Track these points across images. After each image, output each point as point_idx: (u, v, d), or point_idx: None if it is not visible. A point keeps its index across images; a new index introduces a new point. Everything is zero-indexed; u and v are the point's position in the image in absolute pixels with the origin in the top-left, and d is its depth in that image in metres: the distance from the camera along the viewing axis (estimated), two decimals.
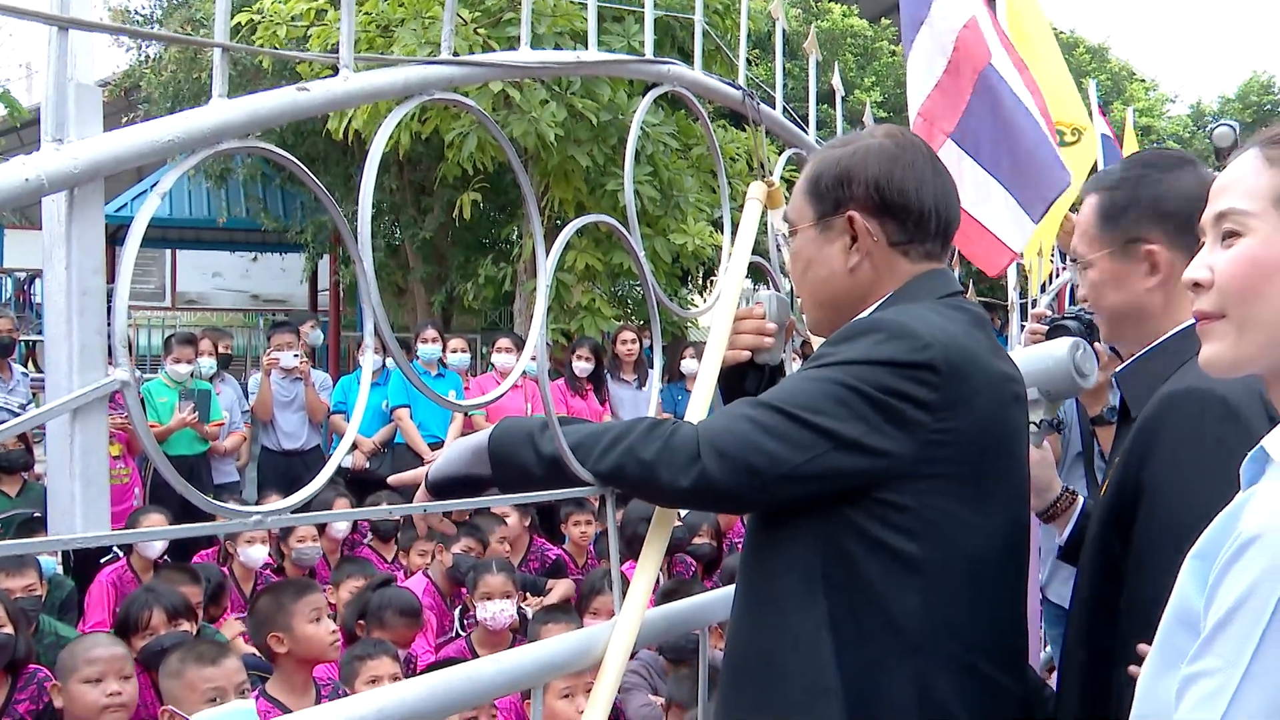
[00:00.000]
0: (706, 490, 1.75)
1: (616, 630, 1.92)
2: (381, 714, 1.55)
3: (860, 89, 15.89)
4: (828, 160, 1.98)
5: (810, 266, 1.99)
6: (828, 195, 1.95)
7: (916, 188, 1.91)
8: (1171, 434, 1.73)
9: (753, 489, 1.75)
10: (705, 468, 1.72)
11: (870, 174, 1.91)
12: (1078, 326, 3.42)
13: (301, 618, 4.00)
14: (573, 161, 9.38)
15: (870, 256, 1.92)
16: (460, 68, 1.80)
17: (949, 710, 1.75)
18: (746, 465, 1.72)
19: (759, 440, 1.72)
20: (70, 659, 3.58)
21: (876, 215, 1.91)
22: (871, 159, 1.92)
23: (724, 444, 1.74)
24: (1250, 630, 1.14)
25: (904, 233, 1.91)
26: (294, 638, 3.98)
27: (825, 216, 1.95)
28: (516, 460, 1.89)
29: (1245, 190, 1.34)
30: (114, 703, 3.47)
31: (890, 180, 1.90)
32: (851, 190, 1.92)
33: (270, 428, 8.21)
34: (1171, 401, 1.74)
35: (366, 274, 1.51)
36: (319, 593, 4.29)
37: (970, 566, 1.77)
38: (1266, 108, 24.31)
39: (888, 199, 1.90)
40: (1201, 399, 1.70)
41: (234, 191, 14.97)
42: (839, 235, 1.93)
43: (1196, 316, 1.38)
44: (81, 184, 1.23)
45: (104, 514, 1.25)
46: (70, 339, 1.23)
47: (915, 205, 1.90)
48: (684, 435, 1.76)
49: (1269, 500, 1.18)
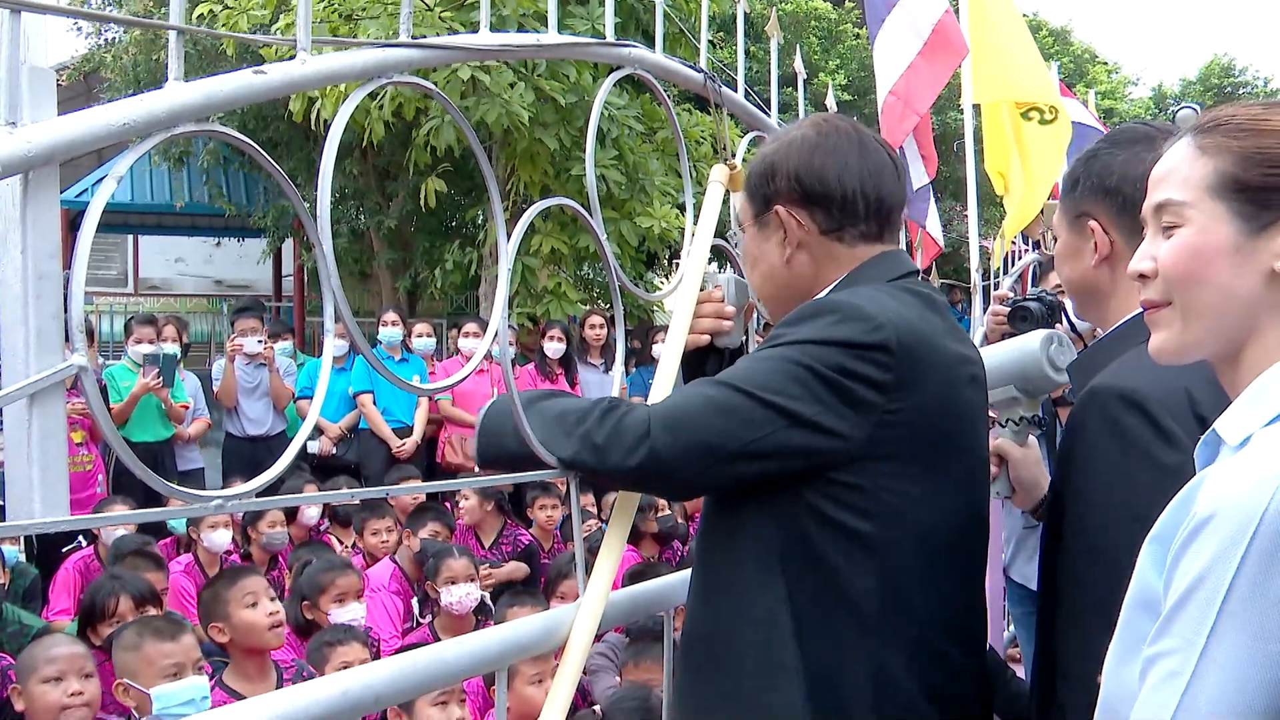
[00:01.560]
0: (657, 468, 1.74)
1: (581, 612, 1.92)
2: (346, 697, 1.55)
3: (825, 72, 15.93)
4: (757, 158, 2.01)
5: (756, 263, 2.02)
6: (757, 193, 1.98)
7: (838, 174, 1.91)
8: (1088, 434, 1.73)
9: (705, 467, 1.75)
10: (655, 446, 1.73)
11: (790, 166, 1.93)
12: (1039, 308, 3.43)
13: (237, 604, 3.94)
14: (539, 144, 9.37)
15: (805, 247, 1.94)
16: (419, 50, 1.80)
17: (904, 688, 1.76)
18: (699, 442, 1.73)
19: (711, 417, 1.73)
20: (30, 660, 3.52)
21: (802, 206, 1.93)
22: (792, 151, 1.94)
23: (675, 422, 1.74)
24: (1206, 610, 1.16)
25: (831, 220, 1.92)
26: (231, 625, 3.94)
27: (760, 214, 1.98)
28: (498, 439, 1.92)
29: (1180, 181, 1.36)
30: (75, 702, 3.42)
31: (810, 169, 1.91)
32: (776, 185, 1.94)
33: (235, 414, 8.16)
34: (1088, 400, 1.74)
35: (326, 258, 1.50)
36: (254, 576, 4.20)
37: (926, 546, 1.78)
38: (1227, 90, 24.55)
39: (808, 189, 1.92)
40: (1116, 397, 1.69)
41: (194, 176, 14.84)
42: (774, 231, 1.96)
43: (1144, 305, 1.41)
44: (36, 168, 1.22)
45: (63, 499, 1.24)
46: (26, 324, 1.22)
47: (836, 191, 1.91)
48: (636, 416, 1.77)
49: (1222, 481, 1.20)
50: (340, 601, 4.72)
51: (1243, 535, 1.14)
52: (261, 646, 4.00)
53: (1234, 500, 1.17)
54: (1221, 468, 1.24)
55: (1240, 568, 1.14)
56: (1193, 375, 1.55)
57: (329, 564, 5.04)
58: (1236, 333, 1.32)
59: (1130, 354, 1.74)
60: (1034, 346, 2.26)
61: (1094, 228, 1.93)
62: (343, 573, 4.88)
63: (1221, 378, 1.37)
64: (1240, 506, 1.16)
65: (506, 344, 1.90)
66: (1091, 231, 1.94)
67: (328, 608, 4.71)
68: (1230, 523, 1.16)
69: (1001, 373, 2.26)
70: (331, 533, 6.77)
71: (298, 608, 4.78)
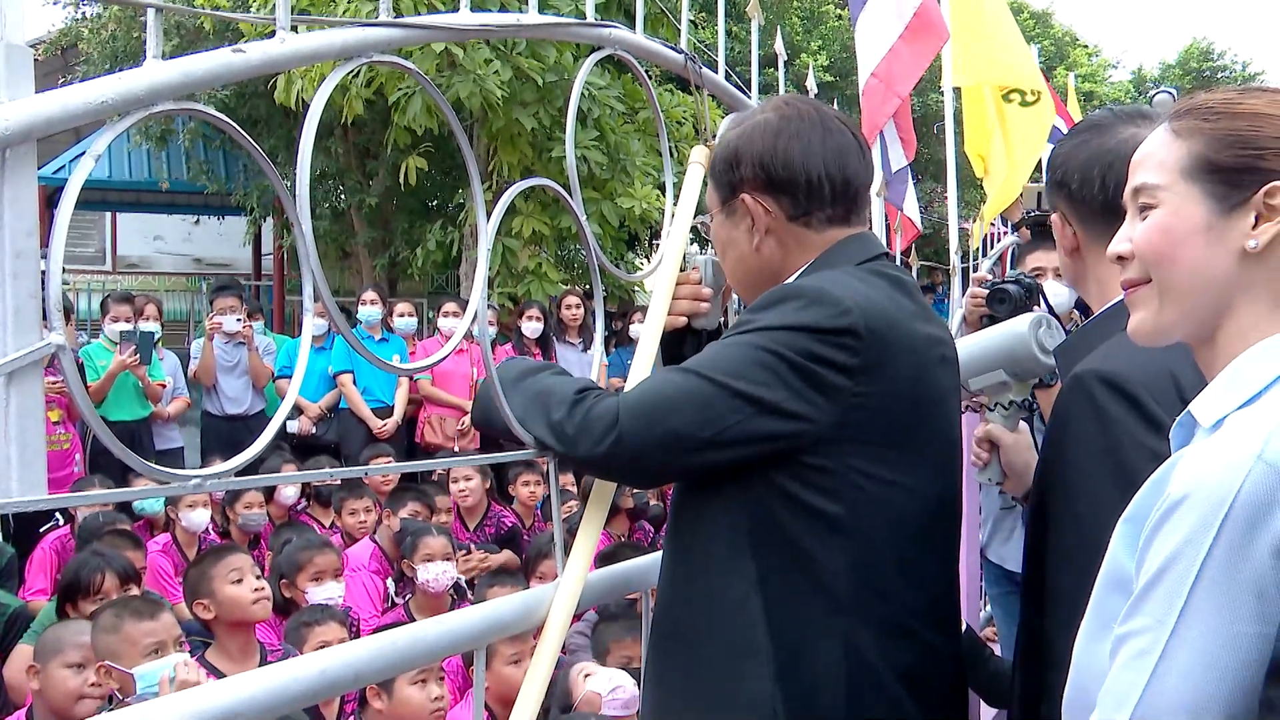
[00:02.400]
0: (625, 457, 1.76)
1: (559, 591, 1.94)
2: (324, 675, 1.55)
3: (807, 53, 15.92)
4: (722, 144, 1.99)
5: (726, 250, 2.02)
6: (723, 180, 1.98)
7: (803, 159, 1.90)
8: (1073, 419, 1.73)
9: (674, 456, 1.77)
10: (622, 435, 1.74)
11: (754, 152, 1.92)
12: (1018, 290, 3.44)
13: (222, 580, 3.99)
14: (519, 124, 9.34)
15: (773, 233, 1.93)
16: (400, 29, 1.79)
17: (876, 670, 1.77)
18: (667, 431, 1.74)
19: (679, 407, 1.74)
20: (54, 642, 3.52)
21: (767, 192, 1.92)
22: (756, 136, 1.93)
23: (643, 411, 1.75)
24: (1178, 589, 1.17)
25: (798, 205, 1.92)
26: (217, 601, 3.98)
27: (727, 201, 1.98)
28: (487, 405, 1.92)
29: (1156, 164, 1.38)
30: (93, 693, 3.43)
31: (773, 156, 1.90)
32: (740, 171, 1.94)
33: (213, 393, 8.13)
34: (1073, 385, 1.73)
35: (305, 237, 1.50)
36: (239, 554, 4.26)
37: (897, 527, 1.79)
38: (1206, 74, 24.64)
39: (773, 175, 1.91)
40: (1100, 381, 1.68)
41: (175, 154, 14.75)
42: (741, 218, 1.95)
43: (1124, 285, 1.42)
44: (14, 145, 1.22)
45: (41, 478, 1.24)
46: (4, 302, 1.22)
47: (801, 175, 1.90)
48: (604, 405, 1.78)
49: (1196, 462, 1.21)
50: (318, 580, 4.73)
51: (1215, 517, 1.16)
52: (247, 619, 4.04)
53: (1207, 482, 1.18)
54: (1195, 450, 1.25)
55: (1212, 549, 1.16)
56: (1178, 359, 1.55)
57: (307, 542, 5.04)
58: (1211, 313, 1.33)
59: (1115, 339, 1.74)
60: (1022, 329, 2.25)
61: (1055, 221, 1.95)
62: (321, 551, 4.88)
63: (1198, 359, 1.39)
64: (1213, 488, 1.17)
65: (486, 324, 1.90)
66: (1060, 224, 1.95)
67: (305, 586, 4.71)
68: (1203, 504, 1.17)
69: (990, 357, 2.25)
70: (310, 513, 6.76)
71: (276, 586, 4.78)
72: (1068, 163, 1.90)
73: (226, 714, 1.35)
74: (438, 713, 3.59)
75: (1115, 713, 1.21)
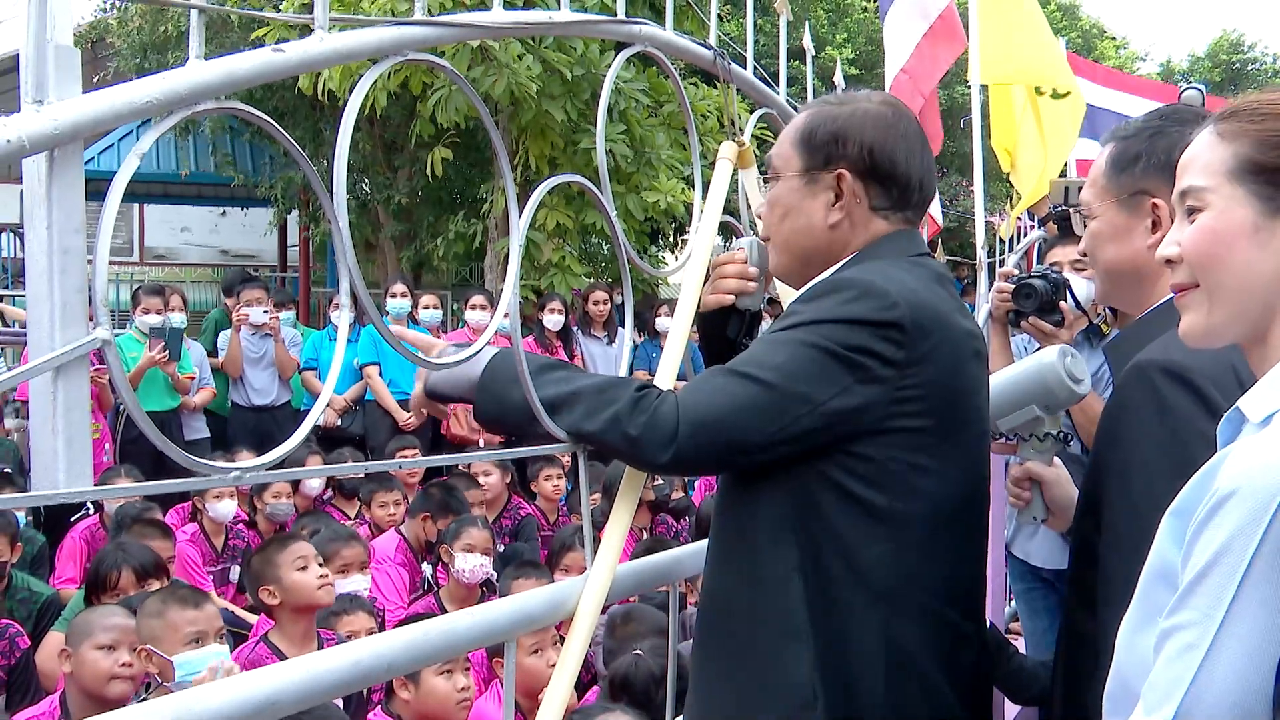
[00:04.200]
0: (688, 465, 1.89)
1: (589, 584, 1.95)
2: (358, 666, 1.58)
3: (832, 45, 15.87)
4: (823, 115, 2.00)
5: (789, 215, 2.01)
6: (819, 150, 1.97)
7: (906, 158, 1.95)
8: (1133, 409, 1.72)
9: (729, 459, 1.85)
10: (684, 445, 1.77)
11: (866, 138, 1.94)
12: (1044, 285, 3.44)
13: (288, 568, 4.11)
14: (548, 116, 9.35)
15: (850, 216, 1.96)
16: (434, 28, 1.82)
17: (914, 655, 1.81)
18: (726, 440, 1.78)
19: (736, 414, 1.77)
20: (85, 625, 3.60)
21: (865, 178, 1.95)
22: (869, 123, 1.95)
23: (703, 420, 1.78)
24: (1226, 584, 1.18)
25: (887, 199, 1.95)
26: (283, 588, 4.10)
27: (813, 170, 1.98)
28: (502, 397, 1.93)
29: (1201, 167, 1.39)
30: (124, 673, 3.49)
31: (884, 147, 1.94)
32: (845, 149, 1.95)
33: (240, 384, 8.18)
34: (1134, 378, 1.73)
35: (342, 233, 1.52)
36: (303, 542, 4.38)
37: (934, 516, 1.82)
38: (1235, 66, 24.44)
39: (879, 165, 1.94)
40: (1162, 371, 1.68)
41: (201, 146, 14.83)
42: (824, 190, 1.97)
43: (1173, 289, 1.43)
44: (62, 145, 1.25)
45: (86, 469, 1.27)
46: (52, 298, 1.24)
47: (903, 175, 1.95)
48: (666, 410, 1.79)
49: (1245, 457, 1.22)
50: (344, 572, 4.77)
51: (1264, 512, 1.17)
52: (312, 604, 4.16)
53: (1257, 477, 1.19)
54: (1244, 445, 1.26)
55: (1261, 544, 1.16)
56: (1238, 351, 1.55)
57: (335, 534, 5.07)
58: (1261, 313, 1.34)
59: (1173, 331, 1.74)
60: (1052, 359, 2.23)
61: (1157, 205, 1.92)
62: (348, 544, 4.92)
63: (1249, 358, 1.40)
64: (1263, 484, 1.18)
65: (518, 319, 1.91)
66: (1153, 209, 1.92)
67: (332, 578, 4.75)
68: (1252, 499, 1.18)
69: (1021, 392, 2.22)
70: (335, 504, 6.81)
71: None
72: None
73: (265, 702, 1.38)
74: (464, 703, 3.62)
75: (1160, 707, 1.21)
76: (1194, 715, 1.18)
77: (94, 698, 3.47)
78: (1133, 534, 1.66)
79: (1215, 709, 1.17)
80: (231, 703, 1.33)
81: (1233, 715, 1.16)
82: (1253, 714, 1.16)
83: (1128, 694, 1.32)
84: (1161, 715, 1.21)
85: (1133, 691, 1.29)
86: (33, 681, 4.17)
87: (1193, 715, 1.18)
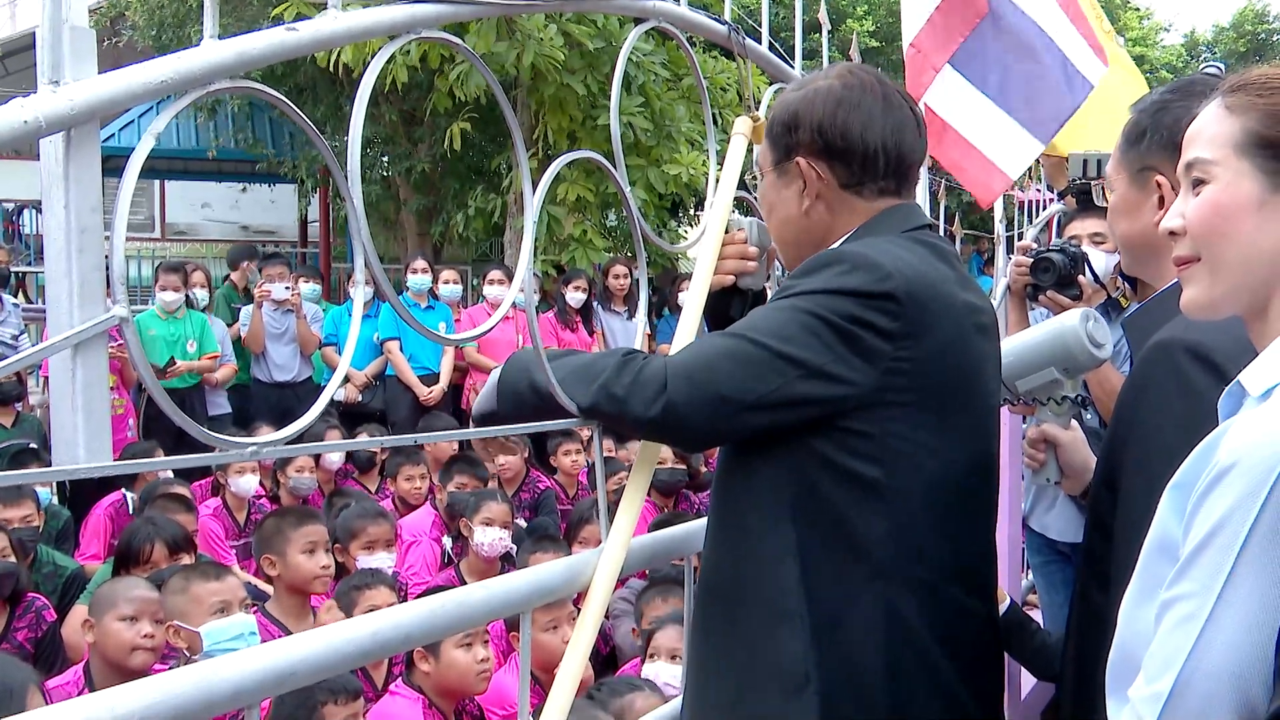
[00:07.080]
0: (674, 419, 1.78)
1: (603, 556, 1.97)
2: (376, 637, 1.59)
3: (853, 18, 15.76)
4: (780, 105, 2.01)
5: (773, 210, 2.03)
6: (779, 141, 1.99)
7: (862, 130, 1.91)
8: (1153, 387, 1.71)
9: (720, 417, 1.78)
10: (672, 398, 1.76)
11: (814, 118, 1.93)
12: (1062, 259, 3.43)
13: (296, 546, 4.13)
14: (567, 90, 9.33)
15: (822, 199, 1.95)
16: (449, 5, 1.82)
17: (916, 632, 1.80)
18: (715, 394, 1.76)
19: (727, 369, 1.76)
20: (109, 596, 3.64)
21: (823, 158, 1.93)
22: (817, 102, 1.94)
23: (691, 374, 1.78)
24: (1225, 555, 1.19)
25: (851, 175, 1.93)
26: (285, 564, 4.12)
27: (781, 162, 1.99)
28: (516, 393, 1.95)
29: (1208, 139, 1.39)
30: (146, 644, 3.54)
31: (833, 123, 1.92)
32: (798, 135, 1.95)
33: (261, 359, 8.23)
34: (1156, 355, 1.71)
35: (356, 210, 1.54)
36: (319, 525, 4.38)
37: (934, 491, 1.82)
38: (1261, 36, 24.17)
39: (830, 142, 1.92)
40: (1183, 349, 1.66)
41: (222, 122, 14.84)
42: (793, 180, 1.97)
43: (1176, 262, 1.43)
44: (78, 125, 1.26)
45: (106, 445, 1.29)
46: (70, 276, 1.26)
47: (859, 147, 1.92)
48: (653, 368, 1.80)
49: (1245, 431, 1.23)
50: (369, 549, 4.80)
51: (1264, 484, 1.17)
52: (306, 590, 4.19)
53: (1256, 450, 1.19)
54: (1244, 418, 1.26)
55: (1260, 516, 1.17)
56: None
57: (363, 510, 5.09)
58: (1262, 287, 1.34)
59: None
60: (1074, 323, 2.23)
61: (1161, 183, 1.91)
62: (375, 521, 4.95)
63: (1250, 332, 1.40)
64: (1262, 456, 1.18)
65: (533, 294, 1.92)
66: (1158, 186, 1.91)
67: (357, 553, 4.79)
68: (1252, 472, 1.18)
69: (1041, 355, 2.23)
70: (356, 478, 6.85)
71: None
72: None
73: (285, 672, 1.40)
74: (484, 674, 3.65)
75: (1160, 677, 1.22)
76: (1193, 685, 1.19)
77: (117, 668, 3.53)
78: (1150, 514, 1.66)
79: (1214, 679, 1.18)
80: (250, 673, 1.34)
81: (1231, 685, 1.17)
82: (1251, 684, 1.16)
83: (1130, 666, 1.33)
84: (1161, 685, 1.22)
85: (1135, 663, 1.30)
86: (59, 653, 4.22)
87: (1192, 685, 1.19)
